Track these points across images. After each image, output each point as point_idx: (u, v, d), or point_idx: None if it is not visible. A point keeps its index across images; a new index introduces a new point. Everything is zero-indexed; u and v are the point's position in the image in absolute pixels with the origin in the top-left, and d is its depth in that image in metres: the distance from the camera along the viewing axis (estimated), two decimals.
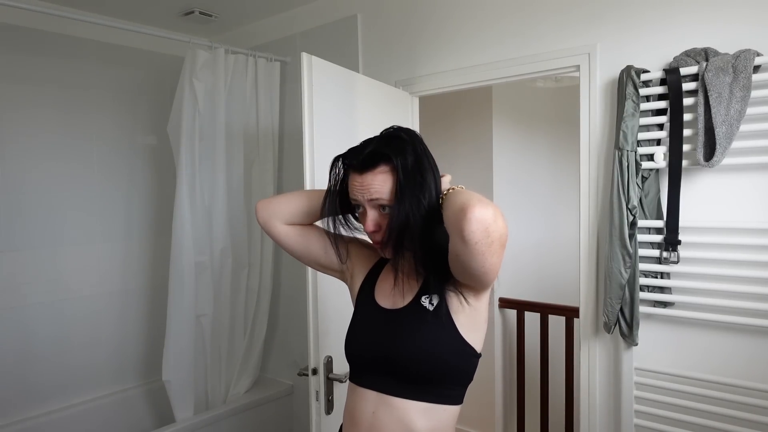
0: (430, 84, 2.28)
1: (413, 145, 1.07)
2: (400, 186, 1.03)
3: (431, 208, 1.04)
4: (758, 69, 1.52)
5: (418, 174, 1.04)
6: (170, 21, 2.89)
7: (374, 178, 1.05)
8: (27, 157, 2.52)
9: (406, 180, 1.03)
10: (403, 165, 1.04)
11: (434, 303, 1.08)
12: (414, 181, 1.03)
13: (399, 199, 1.03)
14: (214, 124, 2.59)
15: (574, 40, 1.89)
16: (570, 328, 2.76)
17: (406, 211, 1.02)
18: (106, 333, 2.81)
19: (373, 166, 1.05)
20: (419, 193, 1.03)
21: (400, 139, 1.08)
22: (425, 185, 1.04)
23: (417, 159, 1.05)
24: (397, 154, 1.04)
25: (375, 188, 1.05)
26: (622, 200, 1.67)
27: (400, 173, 1.03)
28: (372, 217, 1.08)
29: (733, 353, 1.63)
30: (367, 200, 1.06)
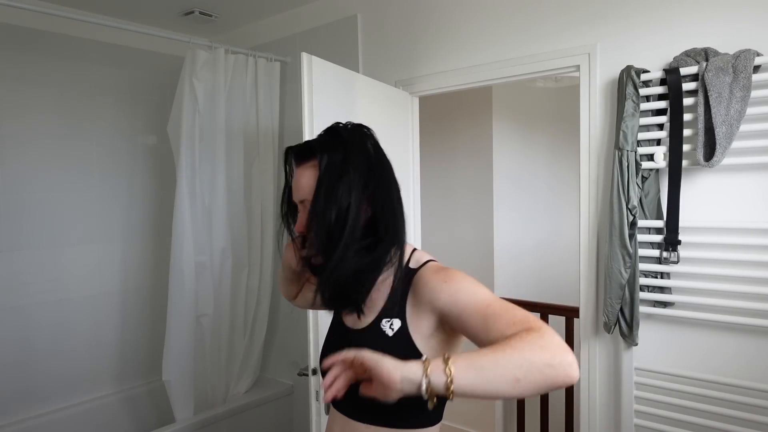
0: (430, 84, 2.28)
1: (349, 143, 0.97)
2: (318, 183, 0.94)
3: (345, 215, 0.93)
4: (758, 69, 1.52)
5: (341, 172, 0.93)
6: (170, 21, 2.89)
7: (303, 174, 0.97)
8: (27, 157, 2.52)
9: (324, 176, 0.93)
10: (328, 161, 0.94)
11: (394, 328, 0.96)
12: (333, 179, 0.93)
13: (314, 197, 0.94)
14: (214, 124, 2.59)
15: (574, 40, 1.89)
16: (570, 328, 2.76)
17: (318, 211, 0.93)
18: (106, 333, 2.81)
19: (303, 160, 0.97)
20: (335, 193, 0.92)
21: (336, 134, 0.99)
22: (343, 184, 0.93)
23: (347, 157, 0.95)
24: (324, 149, 0.95)
25: (301, 185, 0.97)
26: (622, 200, 1.67)
27: (321, 169, 0.94)
28: (301, 217, 0.99)
29: (733, 353, 1.63)
30: (298, 200, 0.98)
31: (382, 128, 2.19)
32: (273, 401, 2.84)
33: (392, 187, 1.00)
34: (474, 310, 0.88)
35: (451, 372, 0.73)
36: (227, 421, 2.64)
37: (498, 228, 3.10)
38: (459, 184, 3.20)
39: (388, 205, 0.98)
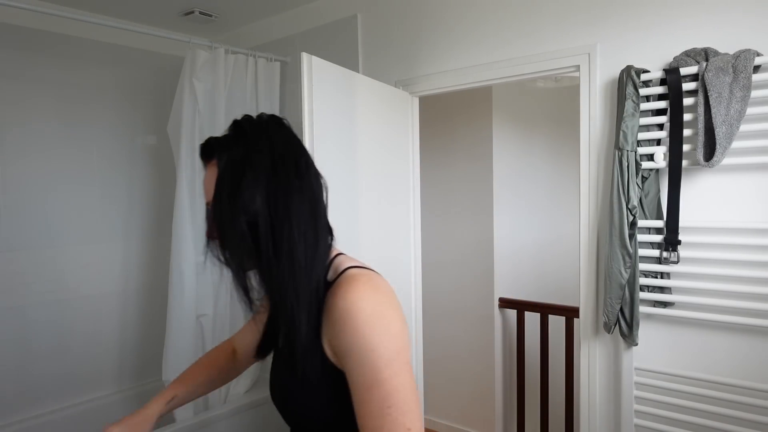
0: (430, 84, 2.28)
1: (250, 138, 0.86)
2: (216, 184, 0.84)
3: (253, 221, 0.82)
4: (758, 69, 1.52)
5: (241, 173, 0.83)
6: (170, 21, 2.89)
7: (207, 174, 0.88)
8: (27, 157, 2.52)
9: (223, 177, 0.84)
10: (226, 160, 0.85)
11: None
12: (231, 180, 0.83)
13: (213, 202, 0.84)
14: (214, 124, 2.59)
15: (574, 40, 1.89)
16: (570, 328, 2.76)
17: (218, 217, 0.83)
18: (106, 333, 2.81)
19: (207, 159, 0.89)
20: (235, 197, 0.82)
21: (238, 128, 0.88)
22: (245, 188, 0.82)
23: (248, 155, 0.84)
24: (223, 147, 0.86)
25: (206, 186, 0.88)
26: (622, 200, 1.67)
27: (220, 169, 0.85)
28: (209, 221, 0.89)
29: (732, 353, 1.63)
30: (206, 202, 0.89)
31: (382, 128, 2.20)
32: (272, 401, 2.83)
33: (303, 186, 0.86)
34: (356, 384, 0.79)
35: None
36: (227, 421, 2.64)
37: (498, 228, 3.10)
38: (459, 184, 3.20)
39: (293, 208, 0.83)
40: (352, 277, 0.83)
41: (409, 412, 0.77)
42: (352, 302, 0.79)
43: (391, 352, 0.78)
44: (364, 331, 0.78)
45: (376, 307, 0.80)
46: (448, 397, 3.29)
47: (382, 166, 2.15)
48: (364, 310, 0.78)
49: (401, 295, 2.29)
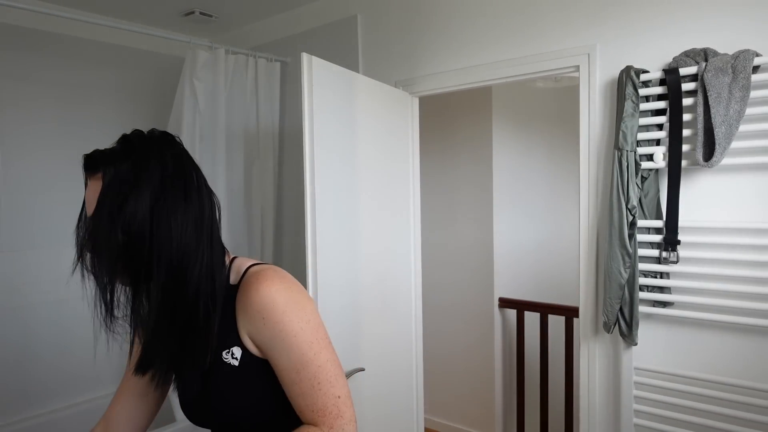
0: (430, 84, 2.29)
1: (140, 155, 0.84)
2: (99, 196, 0.83)
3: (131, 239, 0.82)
4: (757, 69, 1.52)
5: (126, 189, 0.82)
6: (171, 21, 2.89)
7: (90, 187, 0.85)
8: (27, 157, 2.53)
9: (106, 192, 0.82)
10: (113, 174, 0.82)
11: (237, 357, 0.89)
12: (115, 196, 0.82)
13: (93, 215, 0.83)
14: (215, 124, 2.59)
15: (574, 40, 1.90)
16: (570, 328, 2.77)
17: (95, 232, 0.82)
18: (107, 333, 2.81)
19: (90, 171, 0.86)
20: (115, 214, 0.81)
21: (127, 143, 0.86)
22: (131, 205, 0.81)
23: (135, 171, 0.83)
24: (109, 161, 0.84)
25: (89, 198, 0.85)
26: (621, 200, 1.68)
27: (105, 182, 0.83)
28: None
29: (732, 353, 1.63)
30: (88, 213, 0.86)
31: (382, 128, 2.20)
32: None
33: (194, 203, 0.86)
34: (285, 368, 0.85)
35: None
36: None
37: (498, 228, 3.11)
38: (459, 184, 3.20)
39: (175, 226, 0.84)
40: (258, 274, 0.88)
41: (336, 382, 0.86)
42: (266, 296, 0.85)
43: (310, 333, 0.85)
44: (283, 319, 0.84)
45: (289, 294, 0.86)
46: (448, 396, 3.29)
47: (382, 166, 2.15)
48: (279, 301, 0.84)
49: (401, 295, 2.29)
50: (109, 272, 0.84)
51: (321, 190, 1.77)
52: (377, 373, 2.11)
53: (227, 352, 0.89)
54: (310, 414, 0.85)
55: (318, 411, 0.85)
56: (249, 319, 0.86)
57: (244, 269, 0.92)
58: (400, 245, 2.30)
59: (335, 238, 1.84)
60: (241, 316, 0.87)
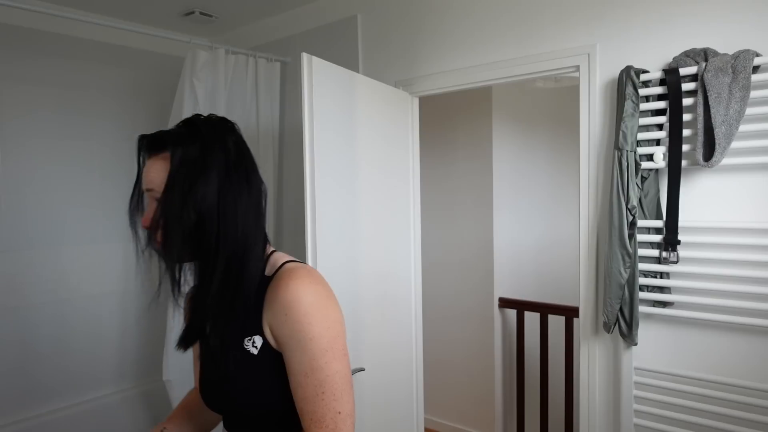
0: (430, 84, 2.29)
1: (207, 138, 0.89)
2: (169, 177, 0.87)
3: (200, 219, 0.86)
4: (757, 69, 1.52)
5: (197, 170, 0.86)
6: (170, 21, 2.89)
7: (153, 165, 0.90)
8: (27, 157, 2.53)
9: (177, 172, 0.86)
10: (181, 155, 0.87)
11: (257, 346, 0.90)
12: (186, 177, 0.86)
13: (164, 193, 0.87)
14: None
15: (574, 40, 1.90)
16: (570, 328, 2.76)
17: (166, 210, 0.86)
18: (107, 333, 2.82)
19: (155, 150, 0.90)
20: (187, 194, 0.85)
21: (193, 127, 0.91)
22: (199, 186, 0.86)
23: (204, 154, 0.88)
24: (178, 142, 0.88)
25: (150, 176, 0.89)
26: (621, 200, 1.68)
27: (174, 163, 0.87)
28: (148, 210, 0.92)
29: (732, 353, 1.63)
30: (145, 189, 0.91)
31: (382, 128, 2.20)
32: None
33: (252, 190, 0.92)
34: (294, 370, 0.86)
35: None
36: None
37: (498, 228, 3.11)
38: (459, 184, 3.20)
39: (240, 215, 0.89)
40: (291, 271, 0.89)
41: (340, 397, 0.85)
42: (294, 293, 0.86)
43: (327, 341, 0.86)
44: (304, 320, 0.85)
45: (316, 297, 0.86)
46: (447, 396, 3.29)
47: (382, 167, 2.15)
48: (304, 301, 0.85)
49: (401, 295, 2.29)
50: (179, 249, 0.87)
51: (321, 190, 1.77)
52: (377, 373, 2.11)
53: (249, 340, 0.90)
54: (308, 421, 0.85)
55: (316, 421, 0.85)
56: (274, 312, 0.87)
57: (280, 263, 0.93)
58: (400, 245, 2.30)
59: (335, 237, 1.84)
60: (267, 308, 0.89)
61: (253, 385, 0.91)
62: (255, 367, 0.90)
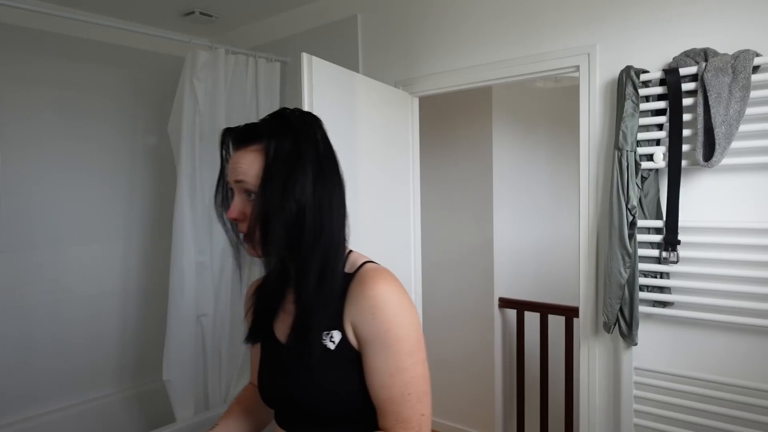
0: (430, 84, 2.29)
1: (299, 131, 0.90)
2: (266, 169, 0.87)
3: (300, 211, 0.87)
4: (757, 69, 1.52)
5: (292, 163, 0.88)
6: (170, 21, 2.89)
7: (244, 157, 0.90)
8: (27, 157, 2.53)
9: (273, 164, 0.87)
10: (276, 147, 0.88)
11: (335, 341, 0.90)
12: (283, 169, 0.87)
13: (262, 186, 0.87)
14: (215, 124, 2.59)
15: (574, 40, 1.90)
16: (570, 328, 2.76)
17: (267, 202, 0.87)
18: (107, 333, 2.81)
19: (245, 143, 0.91)
20: (287, 186, 0.86)
21: (285, 120, 0.92)
22: (297, 179, 0.87)
23: (297, 147, 0.89)
24: (272, 134, 0.89)
25: (241, 168, 0.90)
26: (621, 200, 1.68)
27: (269, 155, 0.88)
28: (236, 202, 0.92)
29: (732, 353, 1.63)
30: (234, 181, 0.91)
31: (382, 128, 2.20)
32: None
33: (341, 184, 0.94)
34: (378, 369, 0.86)
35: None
36: None
37: (498, 228, 3.11)
38: (459, 184, 3.20)
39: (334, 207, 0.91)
40: (376, 272, 0.90)
41: (424, 399, 0.86)
42: (382, 294, 0.86)
43: (413, 344, 0.87)
44: (392, 321, 0.85)
45: (402, 301, 0.87)
46: (447, 396, 3.29)
47: (382, 167, 2.15)
48: (392, 303, 0.86)
49: None
50: (281, 241, 0.87)
51: None
52: None
53: (327, 334, 0.90)
54: (392, 421, 0.85)
55: (402, 421, 0.85)
56: (359, 311, 0.88)
57: (361, 263, 0.94)
58: (401, 245, 2.30)
59: None
60: (350, 305, 0.89)
61: (327, 381, 0.90)
62: (330, 363, 0.89)
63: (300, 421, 0.95)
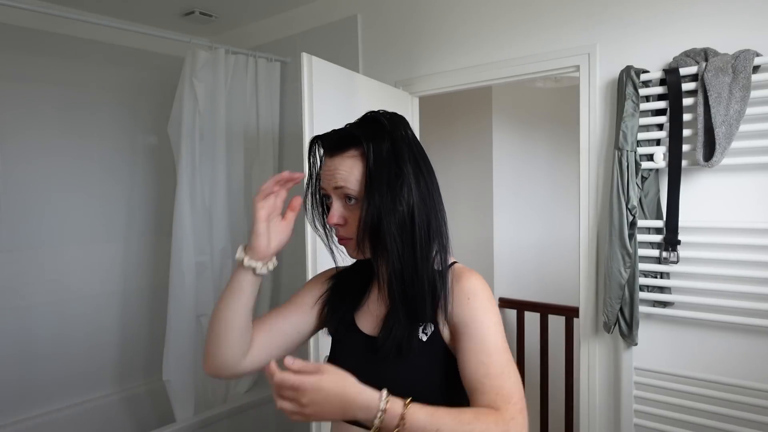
0: (430, 84, 2.29)
1: (393, 133, 0.92)
2: (369, 174, 0.89)
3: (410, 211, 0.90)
4: (757, 69, 1.52)
5: (394, 164, 0.90)
6: (170, 21, 2.89)
7: (342, 163, 0.92)
8: (27, 157, 2.53)
9: (376, 168, 0.89)
10: (375, 151, 0.90)
11: (428, 333, 0.94)
12: (387, 171, 0.89)
13: (368, 191, 0.89)
14: (215, 124, 2.59)
15: (574, 40, 1.89)
16: (570, 328, 2.76)
17: (377, 206, 0.89)
18: (107, 333, 2.81)
19: (341, 149, 0.92)
20: (394, 188, 0.89)
21: (378, 123, 0.94)
22: (402, 179, 0.90)
23: (395, 148, 0.91)
24: (369, 138, 0.91)
25: (341, 174, 0.91)
26: (621, 200, 1.67)
27: (370, 160, 0.89)
28: (336, 207, 0.94)
29: (732, 353, 1.63)
30: (332, 188, 0.93)
31: None
32: (273, 401, 2.83)
33: (436, 180, 0.96)
34: (475, 349, 0.88)
35: (404, 421, 0.76)
36: (227, 421, 2.64)
37: (498, 227, 3.10)
38: (459, 184, 3.20)
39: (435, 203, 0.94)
40: (468, 270, 0.97)
41: (518, 383, 0.88)
42: (477, 285, 0.93)
43: (500, 332, 0.91)
44: (487, 307, 0.91)
45: (491, 296, 0.94)
46: None
47: None
48: (486, 293, 0.93)
49: None
50: (393, 241, 0.89)
51: None
52: None
53: (422, 326, 0.94)
54: (493, 395, 0.85)
55: (504, 396, 0.86)
56: (456, 300, 0.92)
57: (450, 262, 0.99)
58: None
59: None
60: (446, 299, 0.93)
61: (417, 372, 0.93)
62: (422, 354, 0.93)
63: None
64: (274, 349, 1.03)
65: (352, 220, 0.93)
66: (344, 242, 0.96)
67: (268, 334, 1.03)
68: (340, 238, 0.97)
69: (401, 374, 0.93)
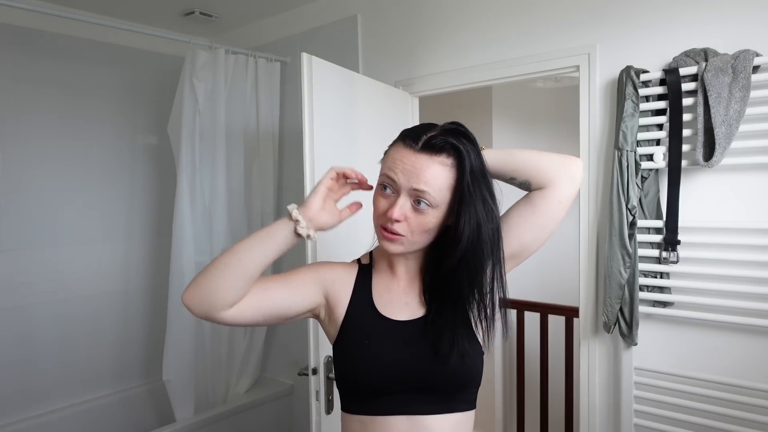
0: (430, 84, 2.29)
1: (472, 146, 0.94)
2: (467, 187, 0.91)
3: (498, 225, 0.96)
4: (757, 69, 1.52)
5: (482, 176, 0.93)
6: (170, 21, 2.89)
7: (429, 166, 0.91)
8: (27, 157, 2.53)
9: (470, 180, 0.91)
10: (468, 161, 0.91)
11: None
12: (479, 183, 0.92)
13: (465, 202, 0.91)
14: (215, 124, 2.59)
15: (574, 40, 1.89)
16: (570, 328, 2.76)
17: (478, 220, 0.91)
18: (107, 333, 2.81)
19: (433, 151, 0.91)
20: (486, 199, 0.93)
21: (467, 136, 0.94)
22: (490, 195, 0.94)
23: (482, 164, 0.94)
24: (462, 151, 0.91)
25: (425, 177, 0.90)
26: (621, 200, 1.67)
27: (467, 173, 0.91)
28: (402, 204, 0.92)
29: (732, 353, 1.63)
30: (410, 188, 0.91)
31: (382, 128, 2.19)
32: (273, 401, 2.84)
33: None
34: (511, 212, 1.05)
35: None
36: (227, 421, 2.64)
37: None
38: None
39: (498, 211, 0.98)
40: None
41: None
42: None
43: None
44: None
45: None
46: None
47: None
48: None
49: None
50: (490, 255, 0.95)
51: None
52: None
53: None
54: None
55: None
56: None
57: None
58: None
59: (334, 238, 1.84)
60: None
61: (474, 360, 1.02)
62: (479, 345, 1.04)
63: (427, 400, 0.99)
64: (261, 314, 1.00)
65: (413, 221, 0.94)
66: (395, 237, 0.95)
67: (261, 295, 1.00)
68: (393, 232, 0.95)
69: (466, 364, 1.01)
